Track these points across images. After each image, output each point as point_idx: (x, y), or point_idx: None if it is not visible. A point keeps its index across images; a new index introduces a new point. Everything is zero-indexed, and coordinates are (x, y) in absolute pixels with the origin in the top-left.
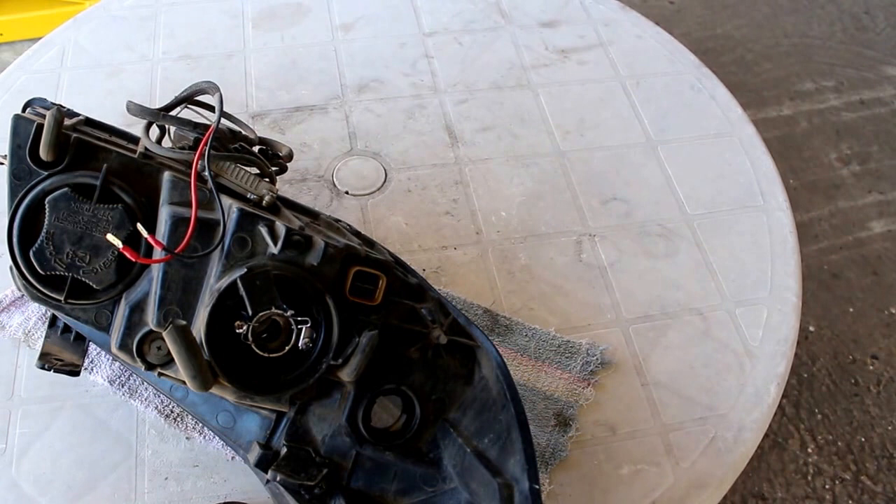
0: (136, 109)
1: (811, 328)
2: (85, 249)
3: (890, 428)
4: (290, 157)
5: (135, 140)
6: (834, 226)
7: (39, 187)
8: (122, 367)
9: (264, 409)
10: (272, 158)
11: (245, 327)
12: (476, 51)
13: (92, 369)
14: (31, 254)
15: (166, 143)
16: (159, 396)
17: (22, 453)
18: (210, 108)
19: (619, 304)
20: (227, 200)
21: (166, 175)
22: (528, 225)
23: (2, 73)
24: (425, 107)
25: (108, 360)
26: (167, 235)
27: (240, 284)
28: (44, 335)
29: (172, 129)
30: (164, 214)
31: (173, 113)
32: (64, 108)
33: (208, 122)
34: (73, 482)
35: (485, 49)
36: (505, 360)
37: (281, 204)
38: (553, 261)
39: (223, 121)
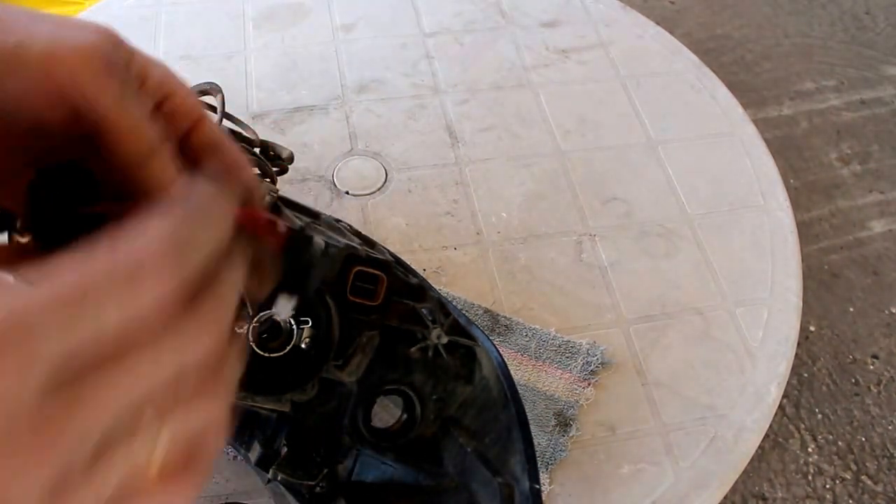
0: None
1: (811, 328)
2: None
3: (890, 427)
4: (290, 159)
5: None
6: (834, 225)
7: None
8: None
9: (265, 408)
10: (273, 160)
11: (245, 327)
12: (477, 51)
13: None
14: None
15: None
16: None
17: None
18: (212, 108)
19: (619, 305)
20: None
21: None
22: (528, 225)
23: None
24: (426, 107)
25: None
26: None
27: None
28: None
29: None
30: None
31: None
32: None
33: None
34: None
35: (485, 49)
36: (505, 359)
37: (282, 204)
38: (553, 261)
39: (224, 121)
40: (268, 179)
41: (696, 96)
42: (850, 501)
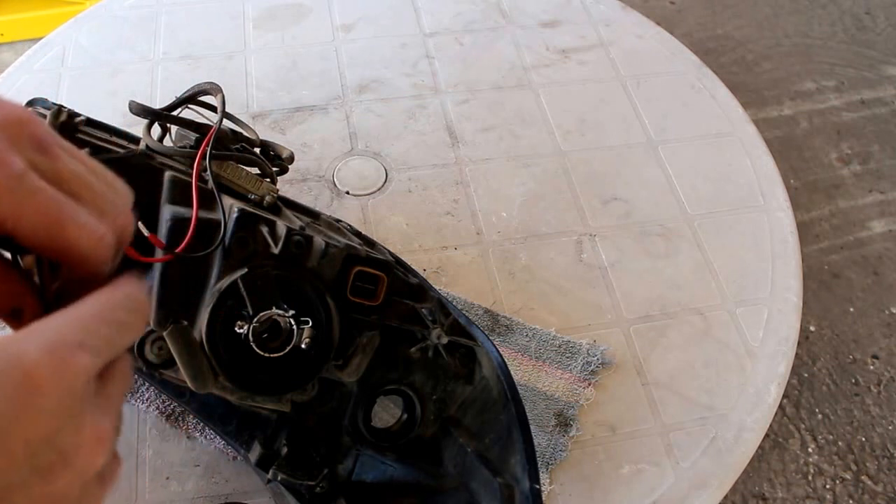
0: (138, 109)
1: (812, 328)
2: None
3: (890, 428)
4: (291, 159)
5: (135, 140)
6: (834, 226)
7: None
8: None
9: (265, 409)
10: (273, 160)
11: (246, 327)
12: (477, 51)
13: None
14: None
15: (167, 143)
16: (161, 396)
17: None
18: (212, 108)
19: (619, 304)
20: (228, 200)
21: (167, 175)
22: (528, 225)
23: (2, 73)
24: (426, 107)
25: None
26: (168, 235)
27: (240, 284)
28: None
29: (174, 129)
30: (165, 214)
31: (175, 113)
32: (65, 108)
33: (210, 123)
34: None
35: (485, 49)
36: (505, 359)
37: (282, 204)
38: (554, 261)
39: (224, 121)
40: (268, 179)
41: (696, 96)
42: (851, 502)
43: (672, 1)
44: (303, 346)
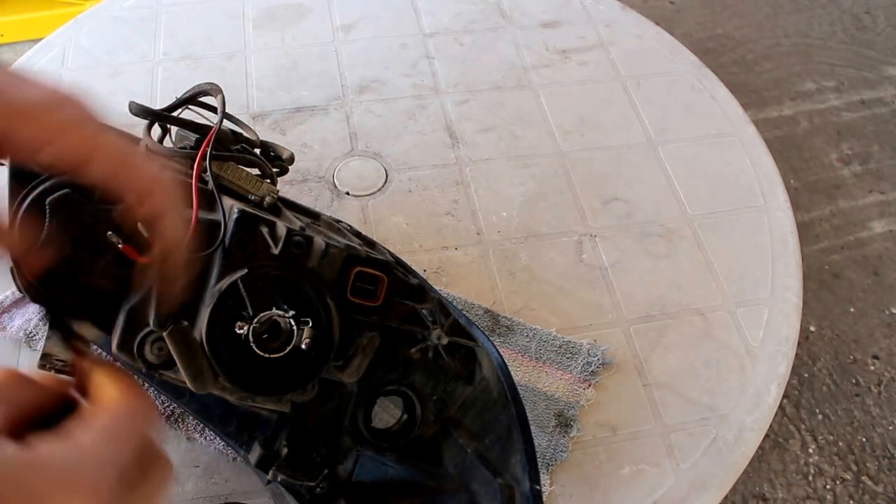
0: (138, 109)
1: (812, 328)
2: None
3: (891, 428)
4: (291, 160)
5: (136, 141)
6: (835, 226)
7: (40, 188)
8: (122, 368)
9: (265, 409)
10: (273, 161)
11: (246, 328)
12: (477, 51)
13: None
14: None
15: (168, 144)
16: (160, 397)
17: None
18: (212, 109)
19: (619, 305)
20: (228, 201)
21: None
22: (528, 225)
23: None
24: (426, 107)
25: (110, 360)
26: None
27: (240, 285)
28: (45, 336)
29: (174, 130)
30: None
31: (175, 114)
32: None
33: (210, 124)
34: None
35: (485, 50)
36: (506, 360)
37: (282, 205)
38: (554, 261)
39: (225, 122)
40: (268, 180)
41: (696, 96)
42: (851, 502)
43: (672, 1)
44: (303, 346)
